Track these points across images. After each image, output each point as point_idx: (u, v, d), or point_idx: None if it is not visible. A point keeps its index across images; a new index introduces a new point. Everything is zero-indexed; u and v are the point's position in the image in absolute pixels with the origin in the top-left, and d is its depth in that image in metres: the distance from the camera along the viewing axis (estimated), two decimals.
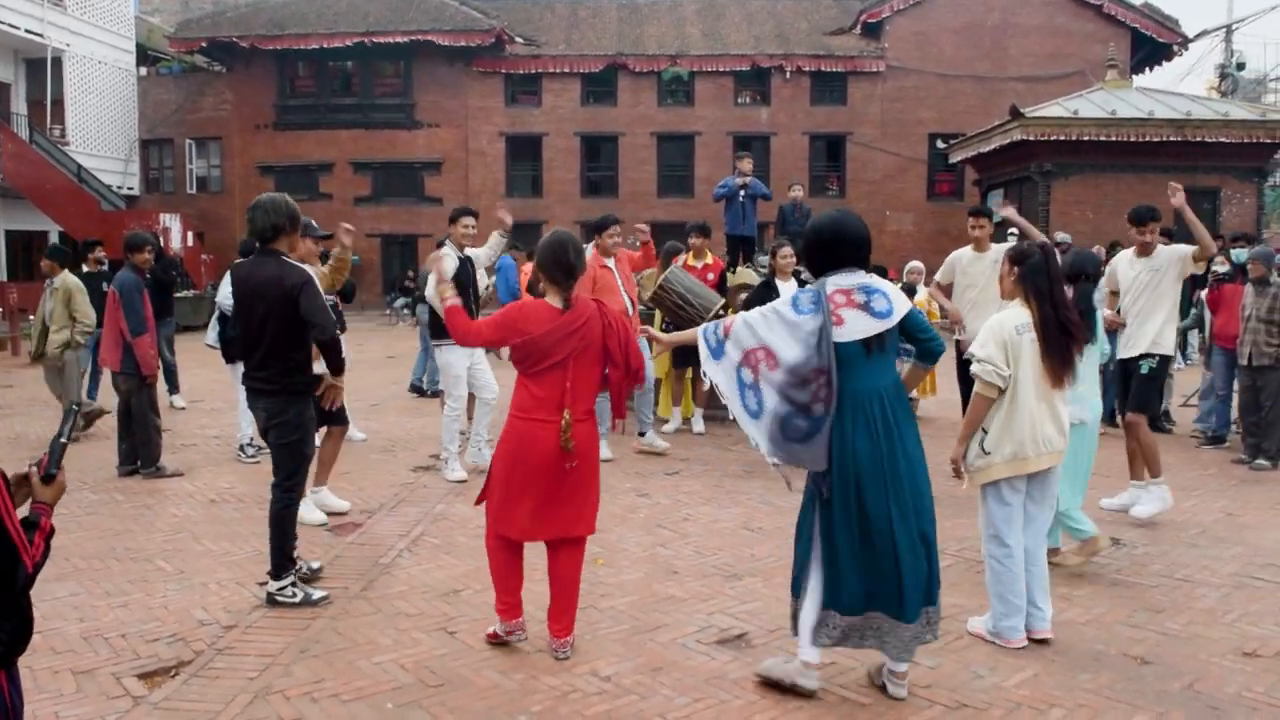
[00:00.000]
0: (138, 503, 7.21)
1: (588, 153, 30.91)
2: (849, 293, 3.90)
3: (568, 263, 4.31)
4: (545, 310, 4.30)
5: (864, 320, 3.87)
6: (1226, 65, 29.93)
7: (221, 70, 31.56)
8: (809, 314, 3.85)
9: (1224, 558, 6.01)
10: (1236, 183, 20.95)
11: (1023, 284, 4.54)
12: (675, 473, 8.17)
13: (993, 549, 4.62)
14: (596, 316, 4.32)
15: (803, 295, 3.93)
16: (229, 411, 10.21)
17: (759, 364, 3.92)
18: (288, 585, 5.05)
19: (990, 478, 4.54)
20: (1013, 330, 4.47)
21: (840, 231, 4.01)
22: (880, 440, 3.84)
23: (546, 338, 4.21)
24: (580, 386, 4.27)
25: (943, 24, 29.13)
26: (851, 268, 3.97)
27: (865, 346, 3.88)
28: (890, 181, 29.50)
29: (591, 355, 4.31)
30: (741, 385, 3.97)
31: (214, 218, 29.60)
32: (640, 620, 4.90)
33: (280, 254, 5.05)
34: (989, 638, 4.64)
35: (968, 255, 8.05)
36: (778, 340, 3.88)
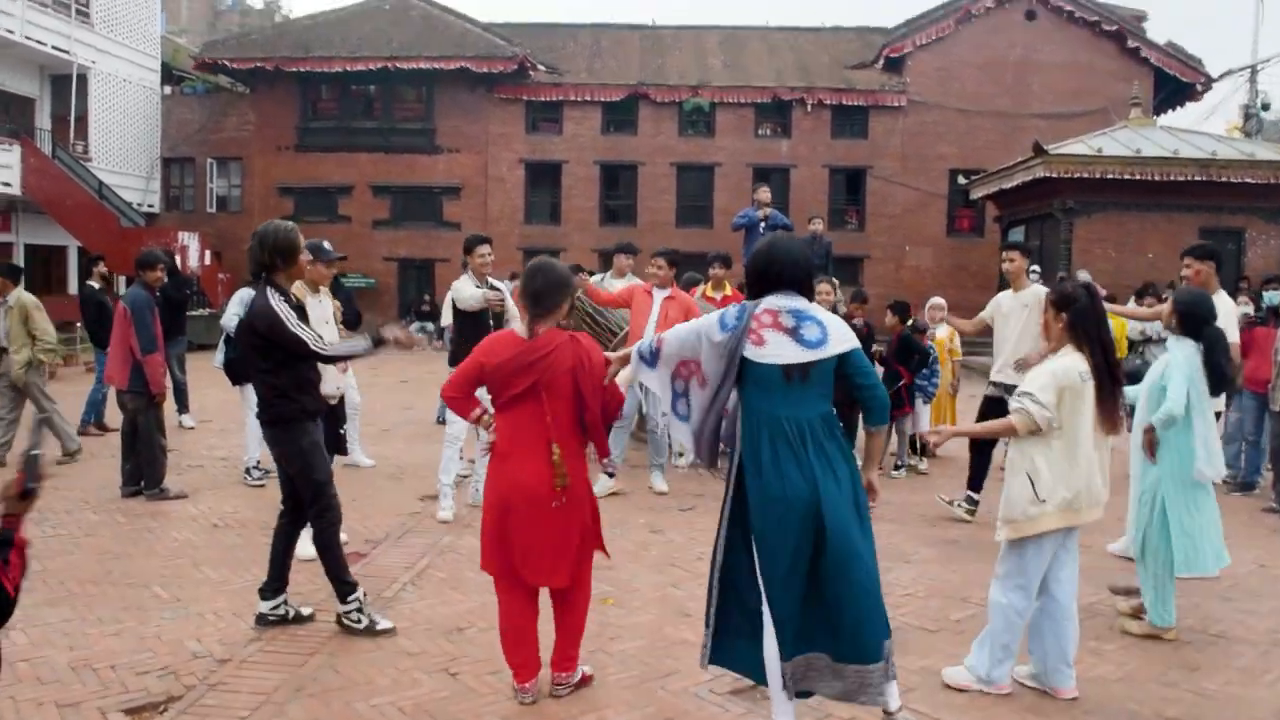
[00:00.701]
0: (139, 525, 7.05)
1: (607, 181, 30.85)
2: (776, 314, 3.79)
3: (533, 290, 4.15)
4: (510, 340, 4.19)
5: (787, 345, 3.72)
6: (1251, 106, 29.71)
7: (245, 91, 31.67)
8: (731, 331, 3.78)
9: (1260, 613, 5.78)
10: (1262, 223, 20.67)
11: (1072, 331, 4.35)
12: (690, 509, 7.97)
13: (1015, 599, 4.38)
14: (567, 349, 4.10)
15: (731, 310, 3.89)
16: (237, 432, 10.05)
17: (690, 377, 3.96)
18: (354, 609, 4.98)
19: (1040, 529, 4.31)
20: (1077, 378, 4.27)
21: (771, 253, 3.92)
22: (807, 470, 3.66)
23: (504, 366, 4.07)
24: (557, 419, 4.09)
25: (965, 59, 29.04)
26: (788, 290, 3.85)
27: (784, 374, 3.72)
28: (910, 216, 29.32)
29: (559, 389, 4.09)
30: (675, 392, 4.01)
31: (232, 237, 29.55)
32: (651, 666, 4.70)
33: (271, 284, 4.91)
34: (977, 686, 4.46)
35: (1008, 297, 7.87)
36: (703, 354, 3.86)
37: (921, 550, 6.93)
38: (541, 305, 4.13)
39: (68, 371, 17.19)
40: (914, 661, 4.82)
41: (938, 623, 5.43)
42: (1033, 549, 4.35)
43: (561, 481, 4.03)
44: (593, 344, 4.23)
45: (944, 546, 7.03)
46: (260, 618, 5.05)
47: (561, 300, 4.17)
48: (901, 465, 9.85)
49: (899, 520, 7.75)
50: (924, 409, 9.95)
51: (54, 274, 25.37)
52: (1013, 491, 4.35)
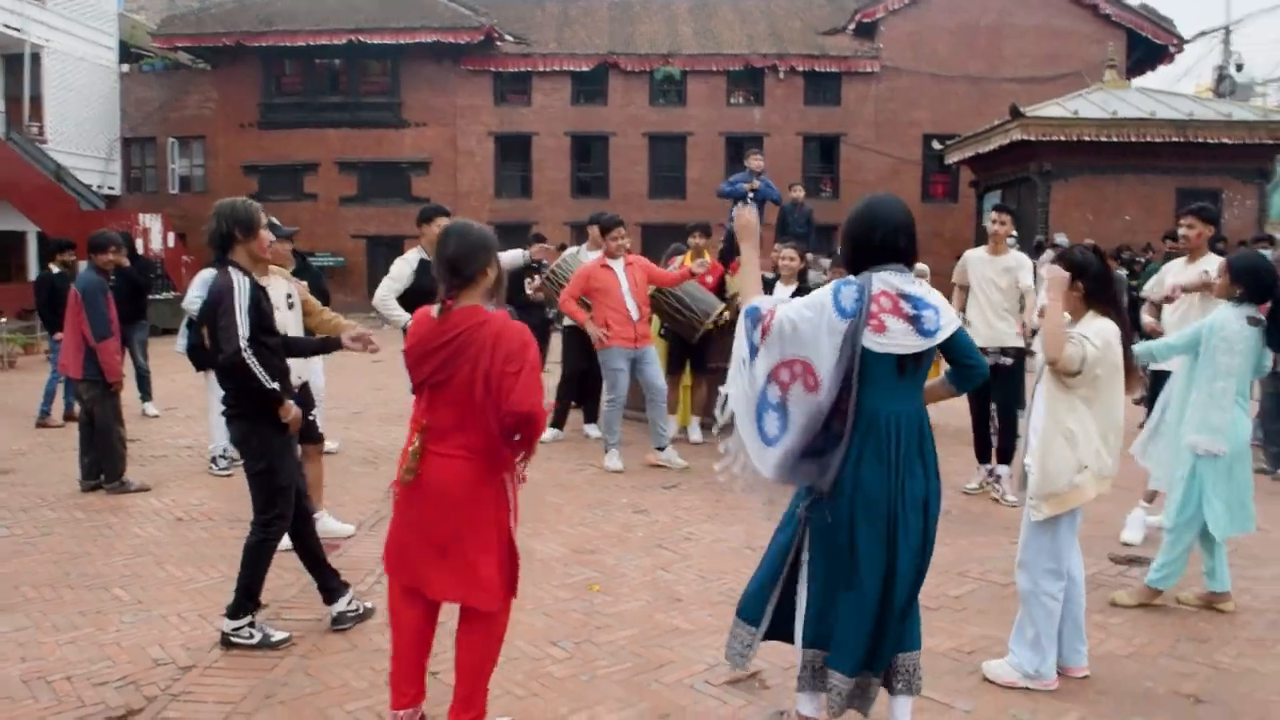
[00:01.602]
0: (99, 521, 6.73)
1: (578, 153, 30.48)
2: (897, 300, 3.32)
3: (445, 255, 3.40)
4: (424, 317, 3.47)
5: (908, 335, 3.31)
6: (1224, 67, 29.63)
7: (206, 68, 31.02)
8: (852, 317, 3.26)
9: (1264, 579, 5.63)
10: (1238, 184, 20.59)
11: (1092, 298, 4.12)
12: (673, 486, 7.74)
13: (1049, 584, 4.12)
14: (476, 336, 3.33)
15: (845, 290, 3.31)
16: (202, 419, 9.71)
17: (793, 381, 3.32)
18: (244, 625, 4.51)
19: (1081, 499, 4.06)
20: (1116, 338, 4.04)
21: (874, 217, 3.42)
22: (892, 473, 3.30)
23: (414, 349, 3.42)
24: (452, 410, 3.37)
25: (937, 24, 28.79)
26: (898, 264, 3.38)
27: (899, 364, 3.33)
28: (884, 183, 29.03)
29: (465, 378, 3.33)
30: (764, 405, 3.36)
31: (197, 218, 28.83)
32: (643, 657, 4.46)
33: (232, 264, 4.57)
34: (1024, 683, 4.17)
35: (981, 256, 7.57)
36: (819, 350, 3.29)
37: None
38: (461, 274, 3.37)
39: (28, 360, 16.80)
40: None
41: (937, 600, 5.22)
42: (1065, 526, 4.13)
43: (406, 475, 3.40)
44: (516, 334, 3.37)
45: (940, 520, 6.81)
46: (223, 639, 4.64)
47: (483, 267, 3.41)
48: None
49: None
50: None
51: (13, 261, 24.74)
52: (1052, 461, 4.05)
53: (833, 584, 3.39)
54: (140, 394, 11.09)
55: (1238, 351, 5.01)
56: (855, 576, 3.34)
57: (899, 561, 3.35)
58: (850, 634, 3.37)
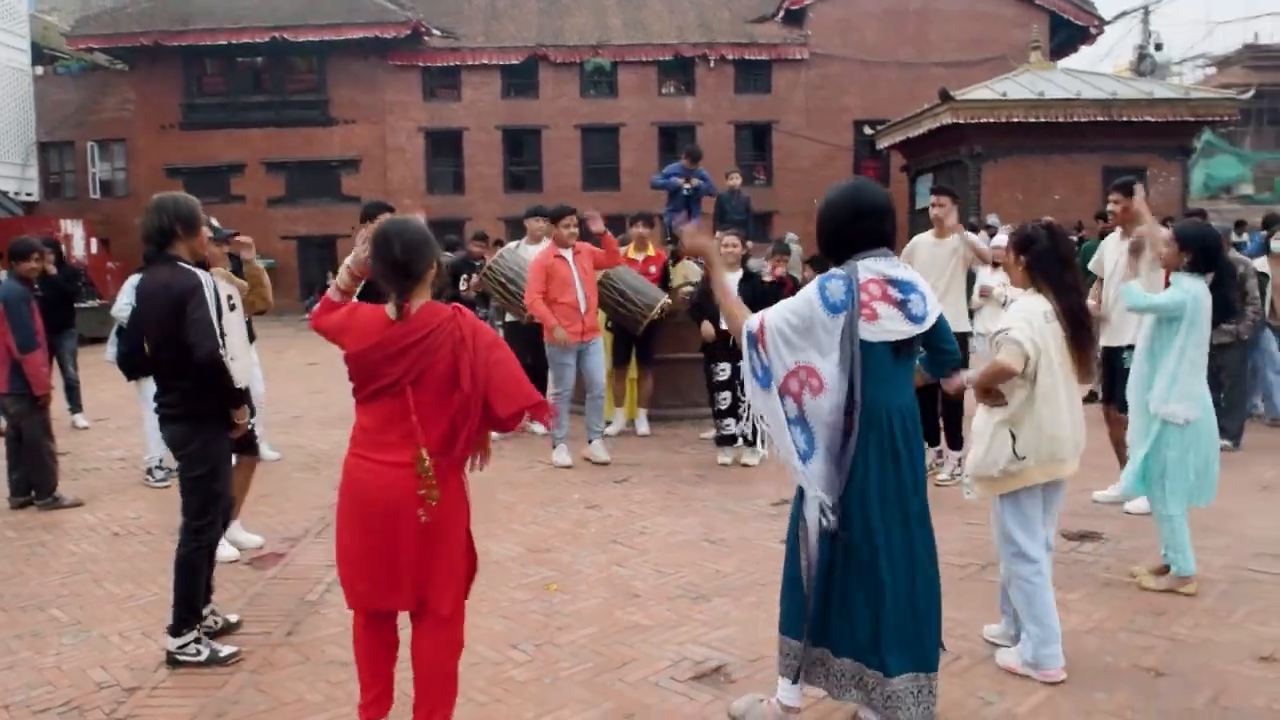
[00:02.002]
0: (31, 539, 6.47)
1: (510, 147, 30.25)
2: (885, 285, 3.27)
3: (392, 258, 3.23)
4: (377, 319, 3.28)
5: (899, 321, 3.27)
6: (1145, 47, 30.25)
7: (124, 68, 30.25)
8: (844, 310, 3.18)
9: (1212, 548, 5.69)
10: (1162, 161, 21.02)
11: (1031, 273, 4.06)
12: (624, 480, 7.66)
13: (1019, 567, 4.06)
14: (446, 331, 3.24)
15: (832, 284, 3.23)
16: (135, 430, 9.42)
17: (802, 388, 3.25)
18: (189, 642, 4.30)
19: (1023, 483, 3.99)
20: (1041, 317, 3.96)
21: (858, 203, 3.35)
22: (889, 465, 3.26)
23: (371, 353, 3.22)
24: (428, 417, 3.22)
25: (865, 10, 29.03)
26: (883, 248, 3.32)
27: (894, 350, 3.28)
28: (817, 169, 29.26)
29: (438, 380, 3.23)
30: (787, 422, 3.29)
31: (120, 223, 28.27)
32: (605, 655, 4.37)
33: (175, 259, 4.37)
34: (1024, 670, 4.09)
35: (928, 241, 7.44)
36: (817, 351, 3.23)
37: None
38: (410, 274, 3.24)
39: None
40: None
41: None
42: (1010, 510, 4.05)
43: (432, 495, 3.20)
44: (477, 320, 3.35)
45: None
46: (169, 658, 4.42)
47: (431, 260, 3.31)
48: None
49: None
50: None
51: None
52: (991, 449, 4.01)
53: (851, 582, 3.30)
54: (69, 405, 10.75)
55: (1207, 321, 5.11)
56: (877, 572, 3.26)
57: (916, 549, 3.31)
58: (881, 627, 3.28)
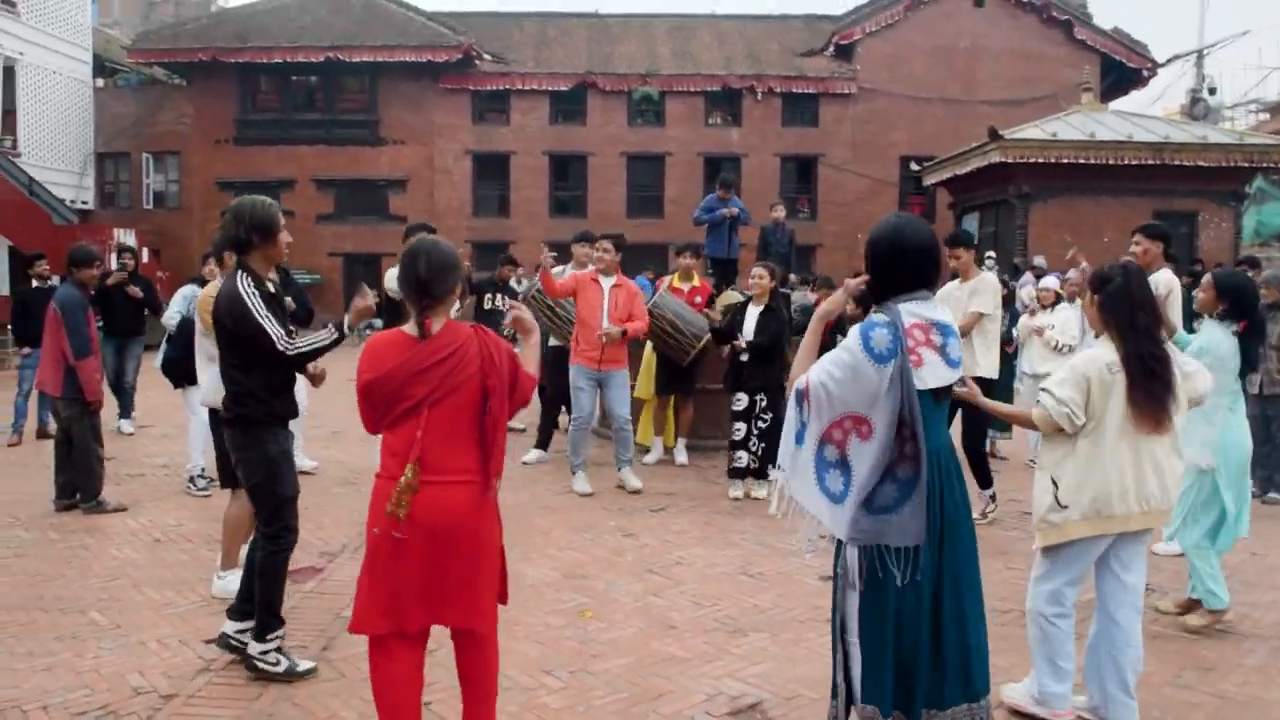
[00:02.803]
0: (74, 542, 6.54)
1: (556, 172, 30.42)
2: (928, 330, 3.18)
3: (417, 276, 3.29)
4: (400, 340, 3.31)
5: (941, 367, 3.18)
6: (1198, 90, 29.99)
7: (181, 83, 30.79)
8: (891, 360, 3.08)
9: (1262, 604, 5.58)
10: (1214, 207, 20.79)
11: (1102, 314, 3.92)
12: (661, 509, 7.62)
13: (1044, 606, 3.96)
14: (473, 346, 3.28)
15: (877, 333, 3.11)
16: (180, 438, 9.53)
17: (848, 435, 3.16)
18: (272, 649, 4.31)
19: (1066, 537, 3.86)
20: (1104, 368, 3.81)
21: (902, 242, 3.23)
22: (937, 510, 3.17)
23: (397, 373, 3.22)
24: (447, 435, 3.25)
25: (914, 46, 28.99)
26: (924, 290, 3.24)
27: (935, 396, 3.20)
28: (862, 204, 29.19)
29: (464, 397, 3.26)
30: (822, 465, 3.20)
31: (171, 234, 28.76)
32: (640, 687, 4.34)
33: (245, 268, 4.41)
34: (1032, 709, 4.03)
35: (955, 287, 7.40)
36: (863, 401, 3.13)
37: None
38: (431, 293, 3.30)
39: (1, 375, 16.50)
40: None
41: None
42: (1065, 555, 3.93)
43: (395, 509, 3.17)
44: (497, 336, 3.41)
45: None
46: (223, 638, 4.55)
47: (454, 284, 3.38)
48: None
49: None
50: None
51: None
52: (1036, 495, 3.96)
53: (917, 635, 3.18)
54: (120, 410, 10.90)
55: (1229, 369, 5.09)
56: (941, 620, 3.18)
57: (964, 591, 3.24)
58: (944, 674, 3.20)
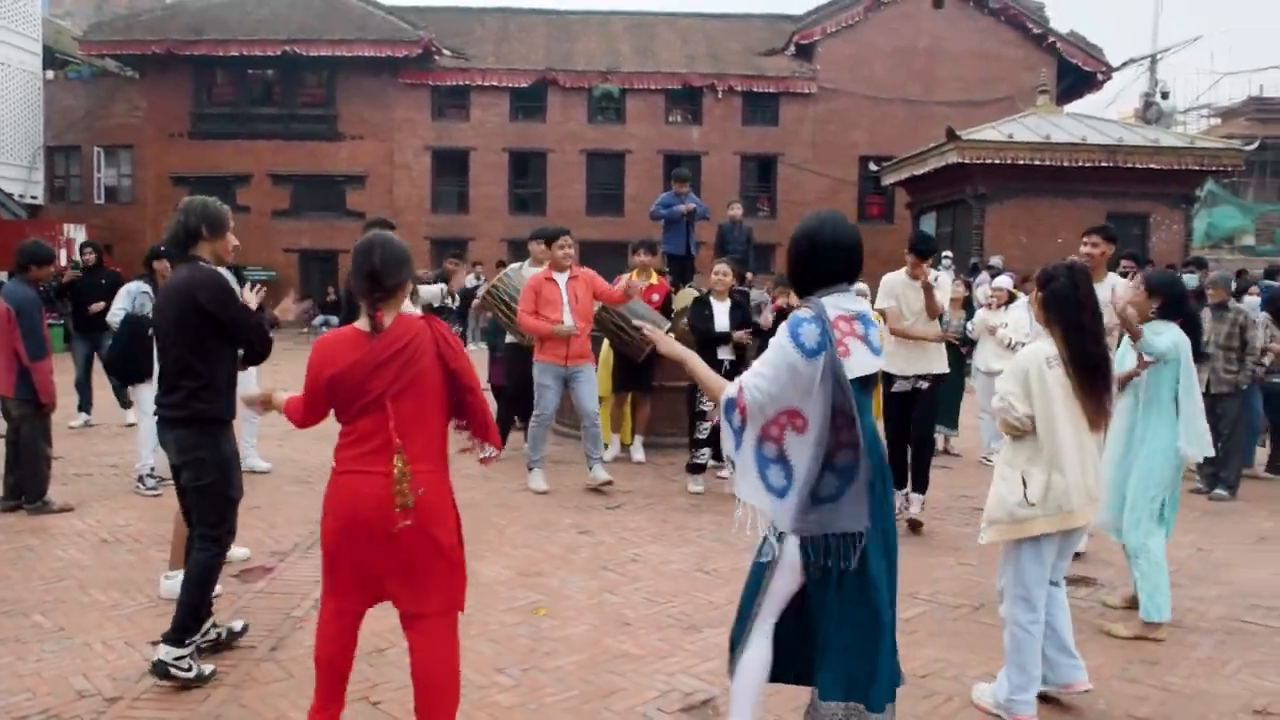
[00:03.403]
0: (18, 544, 6.41)
1: (516, 169, 30.33)
2: (851, 320, 3.22)
3: (369, 269, 3.34)
4: (352, 337, 3.36)
5: (866, 355, 3.22)
6: (1151, 94, 30.42)
7: (134, 75, 30.35)
8: (821, 353, 3.11)
9: (1208, 599, 5.66)
10: (1165, 209, 21.11)
11: (1044, 310, 4.02)
12: (617, 507, 7.61)
13: (1019, 613, 4.00)
14: (426, 336, 3.35)
15: (805, 329, 3.14)
16: (128, 436, 9.39)
17: (784, 430, 3.19)
18: (187, 655, 4.20)
19: (1029, 532, 3.95)
20: (1042, 361, 3.92)
21: (821, 238, 3.28)
22: (885, 493, 3.26)
23: (354, 371, 3.28)
24: (412, 425, 3.30)
25: (875, 47, 29.19)
26: (843, 284, 3.27)
27: (863, 386, 3.24)
28: (821, 203, 29.24)
29: (425, 387, 3.33)
30: (763, 462, 3.22)
31: (123, 229, 28.33)
32: (592, 683, 4.32)
33: (197, 259, 4.37)
34: (996, 711, 4.06)
35: (903, 283, 7.14)
36: (798, 397, 3.14)
37: None
38: (384, 286, 3.34)
39: None
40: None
41: None
42: (1029, 556, 3.99)
43: (403, 500, 3.24)
44: (446, 326, 3.47)
45: None
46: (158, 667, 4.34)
47: (406, 278, 3.43)
48: None
49: None
50: None
51: None
52: (1002, 492, 4.01)
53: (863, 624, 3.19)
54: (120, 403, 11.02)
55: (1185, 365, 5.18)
56: (880, 608, 3.19)
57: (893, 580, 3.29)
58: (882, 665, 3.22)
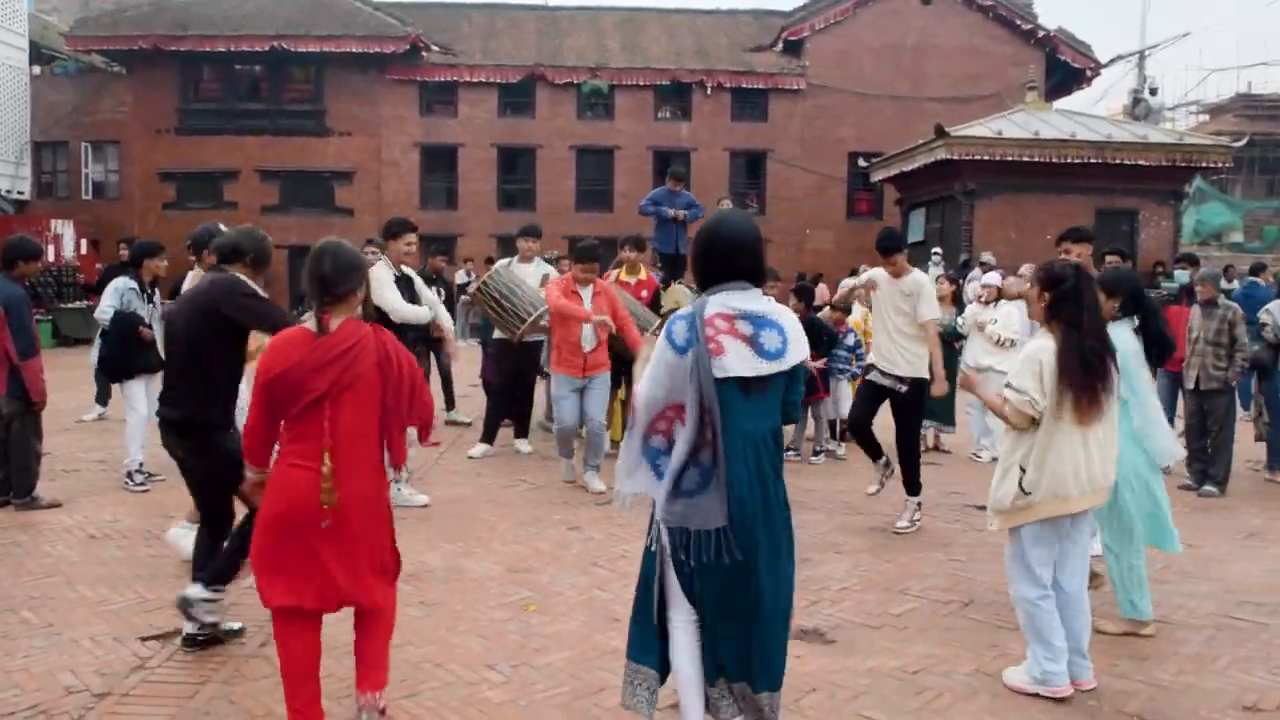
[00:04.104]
0: (5, 539, 6.37)
1: (505, 165, 30.25)
2: (732, 319, 3.24)
3: (321, 274, 3.52)
4: (302, 337, 3.52)
5: (746, 357, 3.22)
6: (1140, 91, 30.51)
7: (121, 71, 30.17)
8: (689, 349, 3.19)
9: (1197, 595, 5.68)
10: (1154, 205, 21.18)
11: (1051, 310, 4.20)
12: (607, 503, 7.59)
13: (1026, 590, 4.22)
14: (370, 342, 3.51)
15: (676, 325, 3.24)
16: (117, 432, 9.33)
17: (672, 425, 3.31)
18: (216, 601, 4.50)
19: (1031, 518, 4.18)
20: (1052, 359, 4.11)
21: (717, 236, 3.35)
22: (757, 492, 3.24)
23: (296, 370, 3.42)
24: (345, 427, 3.46)
25: (863, 43, 29.19)
26: (740, 282, 3.29)
27: (742, 386, 3.23)
28: (810, 199, 29.38)
29: (364, 390, 3.49)
30: (654, 454, 3.34)
31: (111, 225, 28.10)
32: (582, 679, 4.32)
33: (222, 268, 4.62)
34: (1033, 688, 4.19)
35: (884, 276, 7.09)
36: (679, 389, 3.23)
37: (851, 540, 6.69)
38: (333, 292, 3.51)
39: None
40: (860, 662, 4.56)
41: (879, 618, 5.18)
42: (1030, 538, 4.22)
43: (329, 499, 3.39)
44: (393, 337, 3.66)
45: (873, 536, 6.80)
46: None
47: (357, 285, 3.58)
48: (820, 451, 9.65)
49: (824, 509, 7.51)
50: (846, 389, 9.68)
51: None
52: (1003, 483, 4.22)
53: (733, 613, 3.28)
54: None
55: (1144, 364, 5.18)
56: (758, 597, 3.26)
57: (781, 568, 3.32)
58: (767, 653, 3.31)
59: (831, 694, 4.19)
